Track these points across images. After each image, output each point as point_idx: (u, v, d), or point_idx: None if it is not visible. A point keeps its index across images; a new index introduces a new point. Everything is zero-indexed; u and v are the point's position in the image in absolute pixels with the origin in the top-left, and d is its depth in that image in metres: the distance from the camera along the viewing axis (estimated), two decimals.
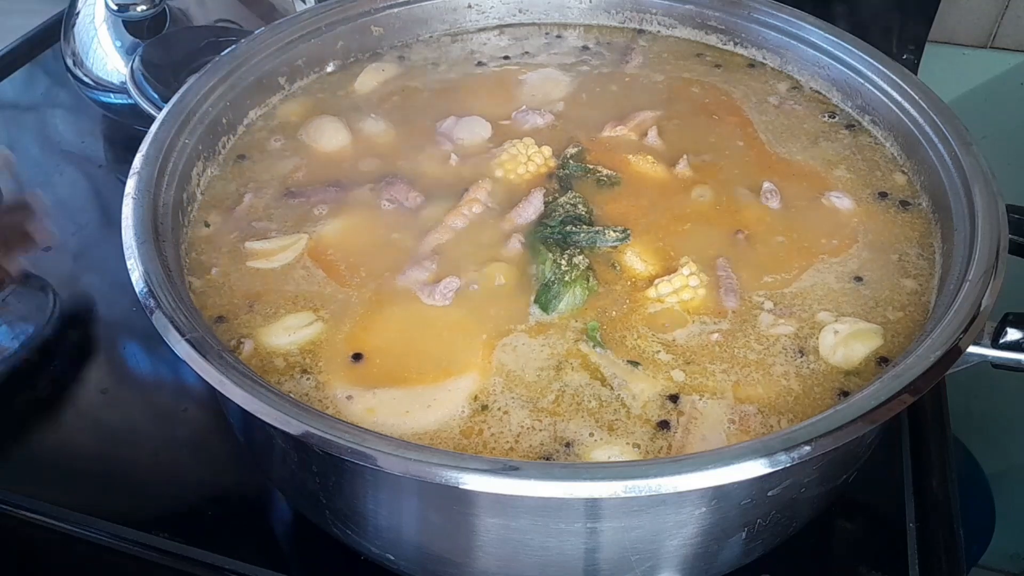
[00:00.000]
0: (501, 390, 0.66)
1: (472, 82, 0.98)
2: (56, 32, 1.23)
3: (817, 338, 0.69)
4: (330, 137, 0.89)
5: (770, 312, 0.71)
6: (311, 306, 0.72)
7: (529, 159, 0.84)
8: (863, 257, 0.76)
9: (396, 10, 1.02)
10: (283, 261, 0.76)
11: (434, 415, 0.64)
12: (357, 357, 0.68)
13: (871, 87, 0.89)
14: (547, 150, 0.85)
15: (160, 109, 0.81)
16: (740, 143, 0.89)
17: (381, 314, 0.71)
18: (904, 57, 1.22)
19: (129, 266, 0.65)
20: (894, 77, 0.86)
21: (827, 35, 0.93)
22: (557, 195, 0.80)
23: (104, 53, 1.17)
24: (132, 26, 1.14)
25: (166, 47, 0.96)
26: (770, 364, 0.68)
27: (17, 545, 0.82)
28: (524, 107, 0.92)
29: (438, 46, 1.05)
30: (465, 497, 0.56)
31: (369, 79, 0.98)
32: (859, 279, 0.74)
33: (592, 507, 0.57)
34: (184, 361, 0.59)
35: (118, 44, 1.16)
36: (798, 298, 0.72)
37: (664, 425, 0.63)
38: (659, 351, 0.68)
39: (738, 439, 0.62)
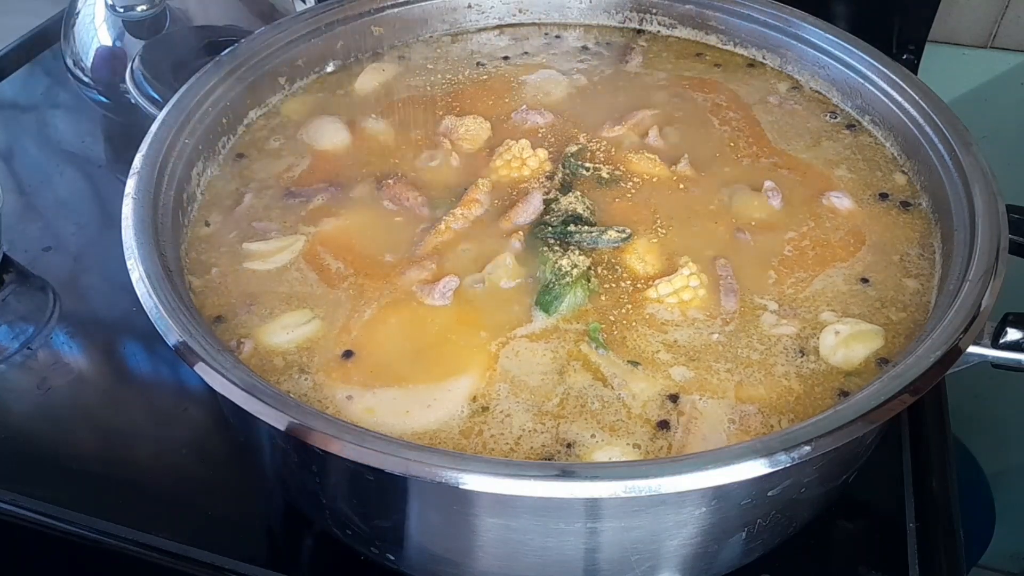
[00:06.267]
0: (506, 395, 0.65)
1: (472, 82, 0.98)
2: (56, 32, 1.23)
3: (818, 339, 0.69)
4: (330, 137, 0.89)
5: (773, 313, 0.71)
6: (308, 305, 0.72)
7: (523, 163, 0.83)
8: (866, 258, 0.76)
9: (396, 10, 1.02)
10: (280, 262, 0.76)
11: (434, 415, 0.64)
12: (356, 356, 0.68)
13: (871, 87, 0.89)
14: (542, 153, 0.84)
15: (160, 109, 0.81)
16: (741, 142, 0.89)
17: (380, 314, 0.71)
18: (904, 57, 1.21)
19: (129, 266, 0.65)
20: (894, 77, 0.86)
21: (827, 35, 0.93)
22: (558, 194, 0.80)
23: None
24: (132, 26, 1.14)
25: (166, 47, 0.96)
26: (771, 364, 0.67)
27: (17, 545, 0.82)
28: (524, 107, 0.92)
29: (438, 46, 1.05)
30: (465, 497, 0.56)
31: (369, 79, 0.98)
32: (864, 280, 0.74)
33: (592, 507, 0.57)
34: (184, 362, 0.59)
35: (118, 44, 1.16)
36: (799, 298, 0.72)
37: (664, 425, 0.63)
38: (659, 351, 0.68)
39: (738, 439, 0.62)
